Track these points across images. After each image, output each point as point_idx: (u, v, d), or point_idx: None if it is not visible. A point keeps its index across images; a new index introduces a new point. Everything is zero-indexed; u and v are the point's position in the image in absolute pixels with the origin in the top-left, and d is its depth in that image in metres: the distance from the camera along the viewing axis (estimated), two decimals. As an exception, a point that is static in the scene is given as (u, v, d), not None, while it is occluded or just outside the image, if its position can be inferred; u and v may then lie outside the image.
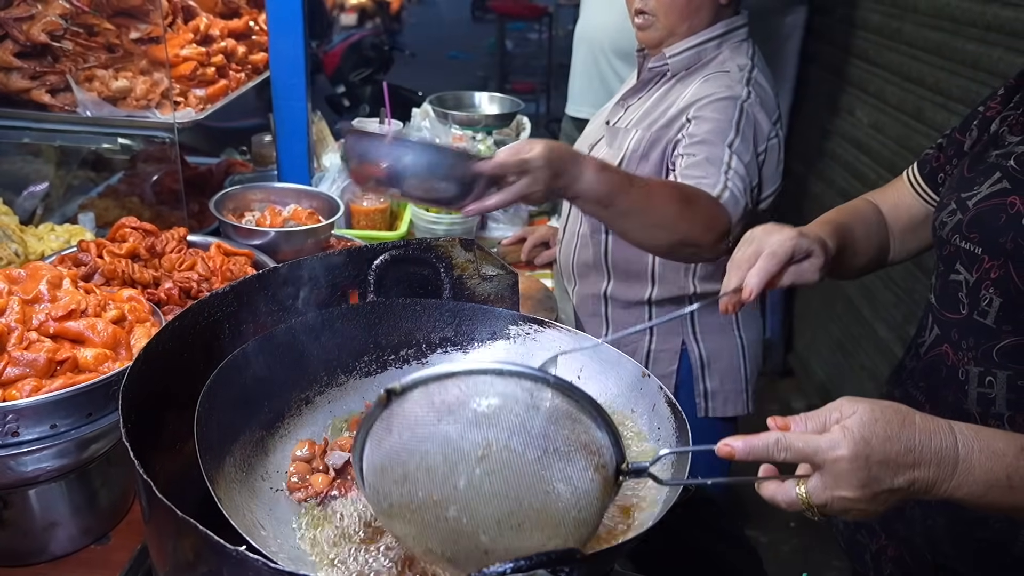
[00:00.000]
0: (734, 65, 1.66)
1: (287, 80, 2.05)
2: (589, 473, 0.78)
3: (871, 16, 3.37)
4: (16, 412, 0.99)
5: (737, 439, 0.81)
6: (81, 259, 1.42)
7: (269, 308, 1.20)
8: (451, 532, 0.77)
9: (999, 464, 0.82)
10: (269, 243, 1.73)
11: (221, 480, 0.96)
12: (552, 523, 0.77)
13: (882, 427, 0.79)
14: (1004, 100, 1.21)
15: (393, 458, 0.78)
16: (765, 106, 1.64)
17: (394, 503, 0.79)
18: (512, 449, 0.76)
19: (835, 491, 0.79)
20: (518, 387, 0.78)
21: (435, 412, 0.77)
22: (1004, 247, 1.05)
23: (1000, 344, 1.06)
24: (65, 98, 1.75)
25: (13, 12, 1.72)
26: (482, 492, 0.75)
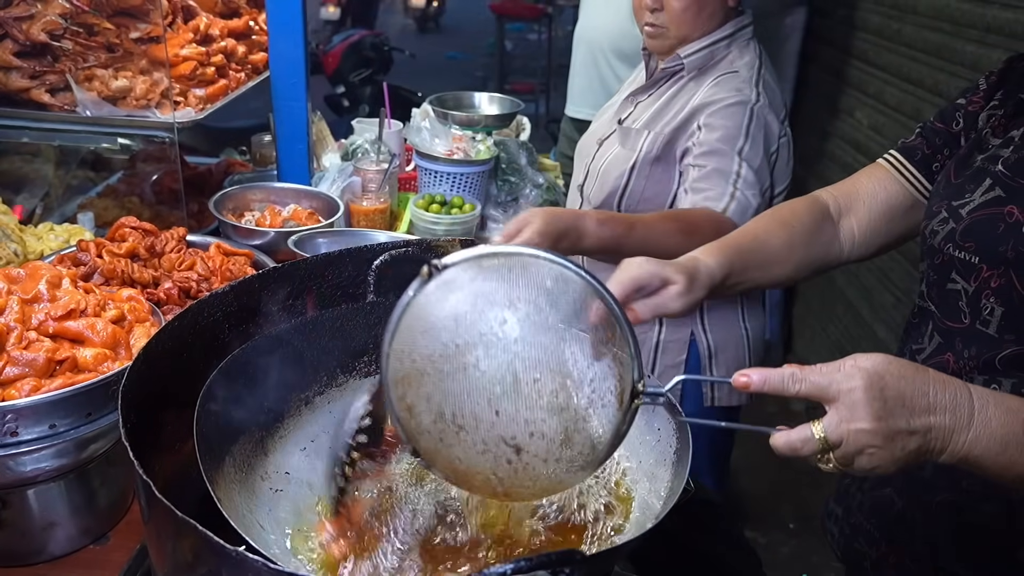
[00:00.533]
0: (742, 64, 1.70)
1: (287, 80, 2.05)
2: (609, 359, 0.82)
3: (871, 17, 3.37)
4: (15, 412, 0.99)
5: (754, 371, 0.81)
6: (80, 259, 1.42)
7: (269, 308, 1.20)
8: (468, 384, 0.80)
9: (1015, 419, 0.81)
10: (269, 243, 1.73)
11: (220, 480, 0.96)
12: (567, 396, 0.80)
13: (896, 367, 0.80)
14: (987, 95, 1.20)
15: (421, 312, 0.81)
16: (774, 106, 1.67)
17: (417, 356, 0.80)
18: (540, 307, 0.80)
19: (851, 423, 0.78)
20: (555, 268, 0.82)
21: (470, 274, 0.81)
22: (1005, 256, 1.04)
23: (1003, 353, 1.05)
24: (65, 98, 1.75)
25: (13, 11, 1.72)
26: (504, 337, 0.79)
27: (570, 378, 0.81)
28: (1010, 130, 1.14)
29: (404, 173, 2.62)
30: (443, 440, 0.82)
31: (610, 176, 1.79)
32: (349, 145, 2.57)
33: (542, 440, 0.81)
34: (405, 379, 0.81)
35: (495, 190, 2.49)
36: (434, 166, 2.35)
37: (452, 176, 2.33)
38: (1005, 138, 1.13)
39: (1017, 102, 1.15)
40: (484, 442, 0.81)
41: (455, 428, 0.81)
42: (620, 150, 1.80)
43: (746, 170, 1.57)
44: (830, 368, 0.80)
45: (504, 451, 0.81)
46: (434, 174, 2.36)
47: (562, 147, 3.38)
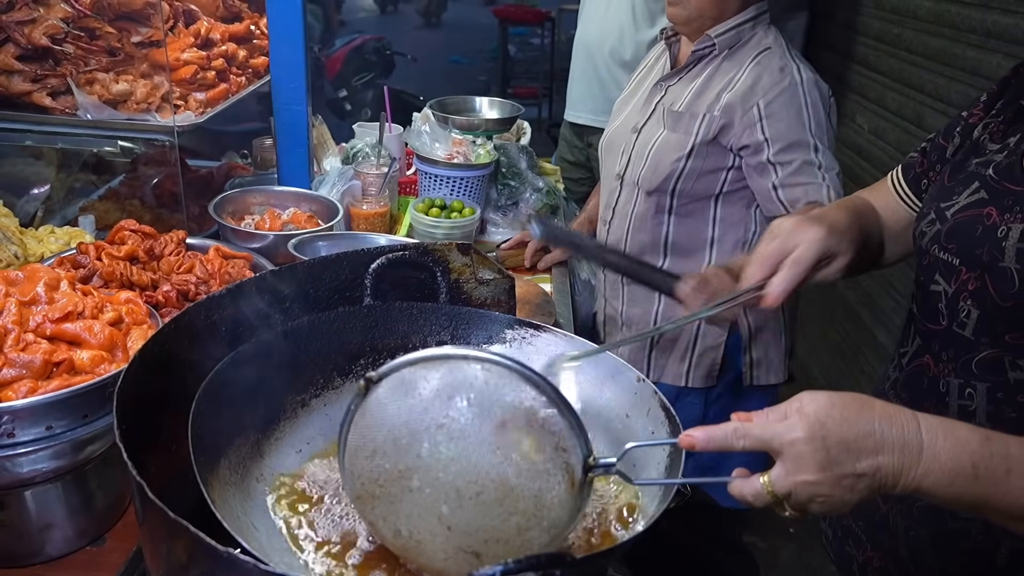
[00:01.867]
0: (771, 42, 1.77)
1: (287, 84, 2.06)
2: (549, 452, 0.82)
3: (872, 22, 3.37)
4: (12, 413, 0.99)
5: (697, 430, 0.81)
6: (80, 261, 1.42)
7: (266, 311, 1.20)
8: (415, 506, 0.82)
9: (964, 452, 0.81)
10: (268, 246, 1.73)
11: (215, 482, 0.96)
12: (514, 500, 0.81)
13: (839, 411, 0.79)
14: (987, 106, 1.20)
15: (365, 435, 0.84)
16: (813, 72, 1.75)
17: (366, 480, 0.84)
18: (470, 419, 0.82)
19: (796, 476, 0.78)
20: (480, 370, 0.84)
21: (402, 390, 0.84)
22: (980, 259, 1.04)
23: (978, 356, 1.06)
24: (66, 101, 1.76)
25: (15, 16, 1.73)
26: (441, 458, 0.81)
27: (513, 482, 0.82)
28: (1008, 136, 1.14)
29: (405, 177, 2.63)
30: (407, 550, 0.85)
31: (665, 160, 1.82)
32: (350, 149, 2.58)
33: (498, 544, 0.82)
34: (360, 499, 0.86)
35: (495, 194, 2.50)
36: (434, 170, 2.35)
37: (452, 180, 2.34)
38: (1002, 144, 1.13)
39: (1018, 108, 1.15)
40: (444, 551, 0.83)
41: (414, 542, 0.84)
42: (670, 134, 1.83)
43: (823, 151, 1.68)
44: (775, 416, 0.81)
45: (465, 558, 0.82)
46: (434, 178, 2.36)
47: (562, 151, 3.38)
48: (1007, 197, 1.05)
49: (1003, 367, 1.04)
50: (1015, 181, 1.06)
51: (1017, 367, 1.04)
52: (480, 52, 10.16)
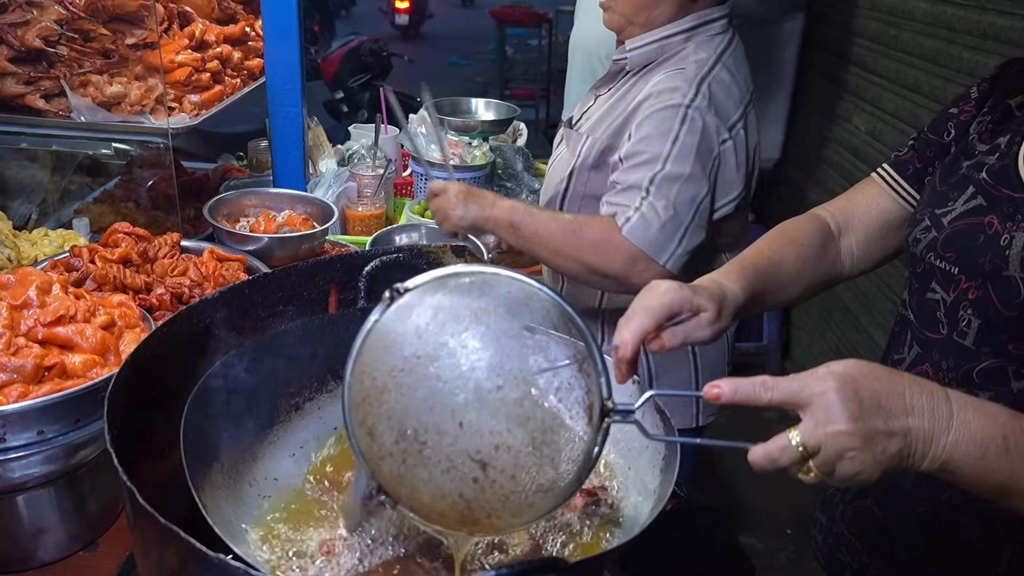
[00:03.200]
0: (693, 61, 1.56)
1: (282, 86, 2.05)
2: (573, 368, 0.81)
3: (868, 24, 3.38)
4: (3, 418, 0.99)
5: (725, 381, 0.78)
6: (73, 264, 1.41)
7: (259, 314, 1.19)
8: (429, 396, 0.79)
9: (995, 423, 0.79)
10: (263, 249, 1.72)
11: (207, 487, 0.96)
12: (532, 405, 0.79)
13: (869, 370, 0.78)
14: (978, 104, 1.18)
15: (386, 332, 0.80)
16: (719, 107, 1.54)
17: (378, 374, 0.80)
18: (501, 318, 0.81)
19: (828, 426, 0.75)
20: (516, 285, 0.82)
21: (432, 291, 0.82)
22: (982, 268, 1.03)
23: (980, 366, 1.05)
24: (59, 103, 1.75)
25: (8, 18, 1.72)
26: (467, 348, 0.79)
27: (535, 385, 0.80)
28: (996, 137, 1.13)
29: (401, 179, 2.63)
30: (406, 462, 0.80)
31: (553, 179, 1.75)
32: (346, 151, 2.58)
33: (508, 453, 0.79)
34: (366, 400, 0.80)
35: (491, 196, 2.49)
36: (430, 171, 2.35)
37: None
38: (992, 144, 1.12)
39: (1005, 108, 1.15)
40: (449, 459, 0.79)
41: (418, 446, 0.79)
42: (565, 152, 1.75)
43: (660, 182, 1.48)
44: (803, 375, 0.78)
45: (470, 468, 0.79)
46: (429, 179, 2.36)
47: (559, 153, 3.38)
48: (1007, 204, 1.04)
49: (1006, 377, 1.04)
50: (1012, 187, 1.05)
51: (1021, 376, 1.03)
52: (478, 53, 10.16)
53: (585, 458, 0.82)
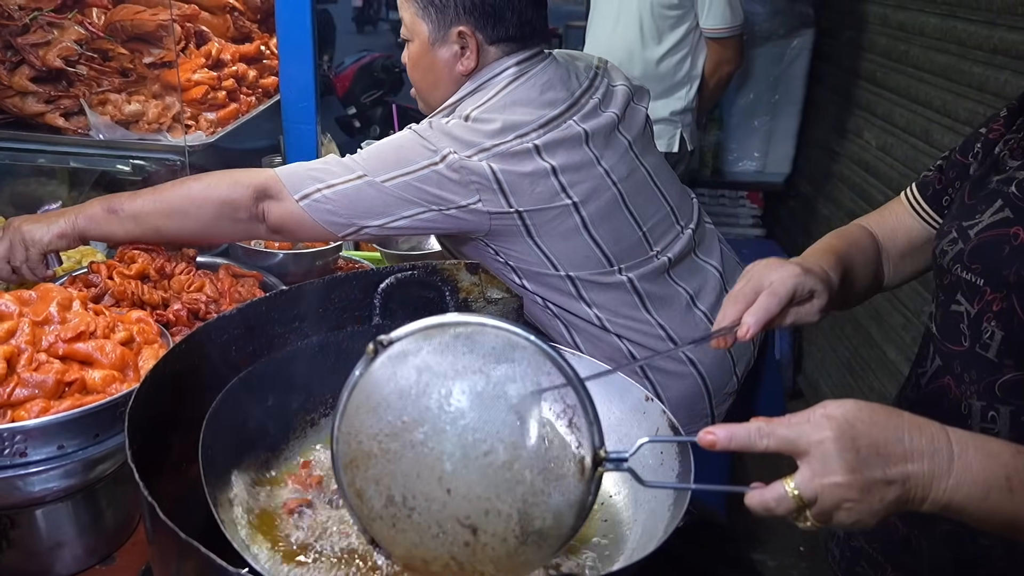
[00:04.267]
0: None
1: (296, 103, 2.08)
2: (562, 426, 0.80)
3: (878, 39, 3.38)
4: (24, 433, 1.00)
5: (719, 427, 0.78)
6: (91, 280, 1.43)
7: (275, 331, 1.21)
8: (416, 462, 0.78)
9: (997, 463, 0.79)
10: (278, 265, 1.74)
11: (225, 502, 0.97)
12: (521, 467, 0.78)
13: (867, 414, 0.77)
14: (1007, 122, 1.19)
15: (370, 392, 0.80)
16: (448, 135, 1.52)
17: (364, 437, 0.80)
18: (486, 378, 0.80)
19: (824, 477, 0.75)
20: (500, 337, 0.82)
21: (415, 348, 0.81)
22: (1007, 280, 1.03)
23: (1003, 379, 1.04)
24: (78, 121, 1.79)
25: (30, 38, 1.75)
26: (450, 411, 0.78)
27: (523, 448, 0.78)
28: None
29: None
30: (396, 525, 0.80)
31: None
32: (358, 166, 2.60)
33: (499, 517, 0.78)
34: (353, 462, 0.81)
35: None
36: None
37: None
38: (1023, 160, 1.13)
39: None
40: (439, 524, 0.78)
41: (407, 511, 0.79)
42: None
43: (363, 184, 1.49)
44: (799, 419, 0.78)
45: (460, 533, 0.78)
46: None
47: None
48: None
49: None
50: None
51: None
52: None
53: (579, 509, 0.81)
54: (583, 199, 1.60)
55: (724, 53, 3.25)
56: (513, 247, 1.61)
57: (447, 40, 1.59)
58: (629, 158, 1.71)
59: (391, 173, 1.50)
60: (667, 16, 3.17)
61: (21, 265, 1.46)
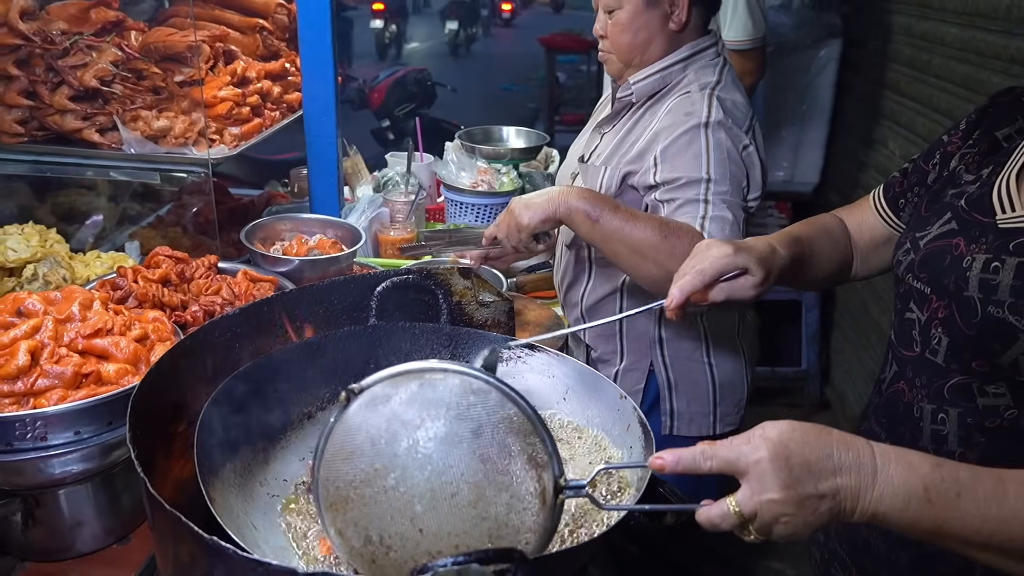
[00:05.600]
0: (696, 85, 1.70)
1: (319, 118, 2.19)
2: (523, 463, 0.86)
3: (903, 49, 3.38)
4: (44, 419, 1.11)
5: (667, 453, 0.85)
6: (118, 283, 1.55)
7: (277, 330, 1.30)
8: (389, 506, 0.85)
9: (915, 475, 0.84)
10: (294, 270, 1.84)
11: (219, 484, 1.05)
12: (486, 504, 0.84)
13: (800, 434, 0.83)
14: (964, 135, 1.23)
15: (344, 441, 0.87)
16: (734, 118, 1.65)
17: (341, 484, 0.87)
18: (450, 423, 0.86)
19: (761, 495, 0.81)
20: (462, 383, 0.89)
21: (384, 398, 0.88)
22: (948, 288, 1.07)
23: (950, 382, 1.08)
24: (112, 136, 1.92)
25: (69, 61, 1.89)
26: (418, 457, 0.85)
27: (487, 486, 0.85)
28: (982, 168, 1.17)
29: (433, 204, 2.74)
30: (376, 562, 0.86)
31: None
32: (381, 177, 2.71)
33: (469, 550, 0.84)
34: (333, 506, 0.88)
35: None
36: (459, 197, 2.46)
37: (476, 207, 2.44)
38: (976, 175, 1.16)
39: (992, 140, 1.19)
40: (414, 560, 0.85)
41: (384, 549, 0.86)
42: (581, 184, 1.82)
43: (716, 191, 1.57)
44: (739, 441, 0.84)
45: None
46: (459, 205, 2.47)
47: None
48: (975, 229, 1.09)
49: (972, 393, 1.07)
50: (984, 212, 1.09)
51: (985, 393, 1.06)
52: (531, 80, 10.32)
53: (543, 535, 0.89)
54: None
55: (746, 65, 3.29)
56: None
57: (660, 1, 1.72)
58: None
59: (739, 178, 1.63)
60: (688, 28, 3.22)
61: (517, 244, 1.66)
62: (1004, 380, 1.04)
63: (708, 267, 1.13)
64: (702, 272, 1.13)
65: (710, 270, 1.13)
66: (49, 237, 1.81)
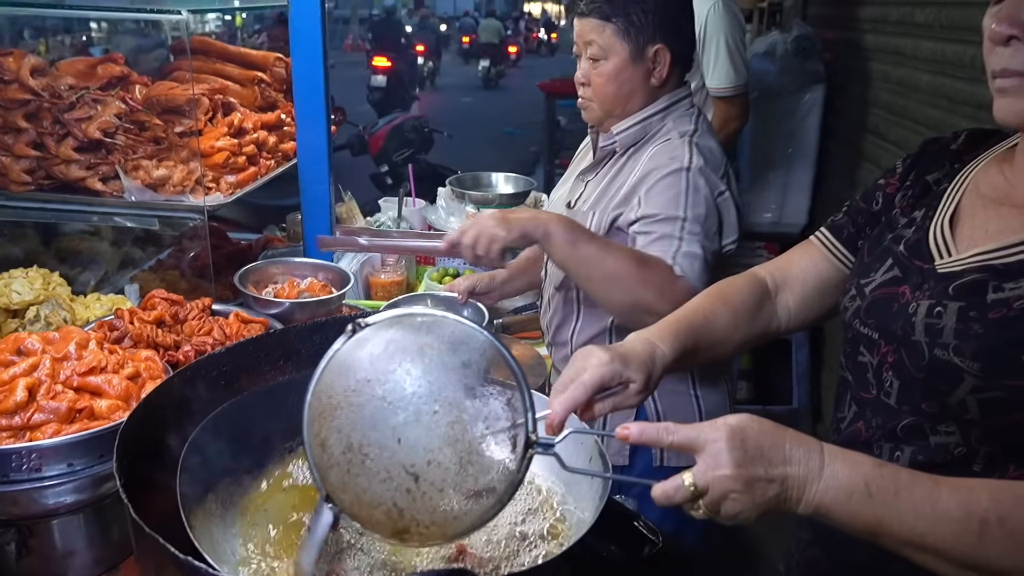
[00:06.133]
0: (676, 133, 1.79)
1: (312, 166, 2.30)
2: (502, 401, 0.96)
3: (881, 94, 3.50)
4: (39, 451, 1.18)
5: (633, 424, 0.93)
6: (115, 324, 1.63)
7: (262, 368, 1.38)
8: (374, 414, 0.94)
9: (859, 472, 0.91)
10: (284, 312, 1.92)
11: (200, 512, 1.12)
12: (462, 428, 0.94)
13: (757, 424, 0.91)
14: (901, 178, 1.28)
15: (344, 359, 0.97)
16: (711, 165, 1.74)
17: (335, 392, 0.96)
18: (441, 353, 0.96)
19: (715, 470, 0.88)
20: (460, 326, 0.99)
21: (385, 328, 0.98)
22: (896, 334, 1.12)
23: (903, 423, 1.13)
24: (114, 185, 2.02)
25: (75, 114, 2.01)
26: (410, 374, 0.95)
27: (466, 412, 0.94)
28: (915, 211, 1.22)
29: (424, 247, 2.83)
30: (350, 471, 0.94)
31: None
32: (373, 222, 2.80)
33: (438, 468, 0.93)
34: (321, 415, 0.96)
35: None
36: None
37: (464, 250, 2.52)
38: (910, 218, 1.22)
39: (924, 184, 1.26)
40: (387, 470, 0.93)
41: (361, 457, 0.94)
42: None
43: (689, 231, 1.64)
44: (702, 424, 0.92)
45: (404, 479, 0.93)
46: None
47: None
48: (917, 275, 1.14)
49: (924, 432, 1.12)
50: (923, 258, 1.15)
51: (936, 432, 1.11)
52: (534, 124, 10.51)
53: (508, 481, 0.96)
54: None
55: (730, 111, 3.40)
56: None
57: (644, 57, 1.80)
58: None
59: (709, 215, 1.70)
60: (674, 77, 3.34)
61: (483, 255, 1.65)
62: (954, 419, 1.08)
63: (588, 380, 1.06)
64: (583, 385, 1.06)
65: (590, 383, 1.07)
66: (52, 280, 1.90)
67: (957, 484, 0.93)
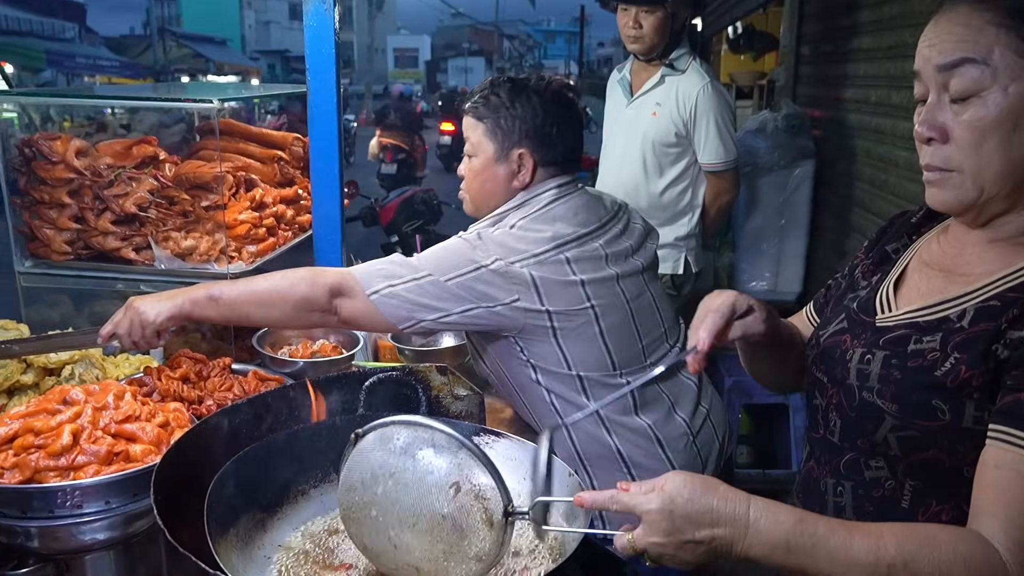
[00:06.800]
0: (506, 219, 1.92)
1: (326, 237, 2.48)
2: (470, 499, 1.12)
3: (864, 169, 3.69)
4: (82, 490, 1.33)
5: (586, 494, 1.08)
6: (144, 381, 1.79)
7: (278, 418, 1.52)
8: (373, 528, 1.15)
9: (780, 529, 1.02)
10: (298, 371, 2.07)
11: (223, 545, 1.25)
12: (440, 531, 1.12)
13: (688, 491, 1.03)
14: (867, 249, 1.44)
15: (349, 476, 1.18)
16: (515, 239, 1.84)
17: (346, 508, 1.19)
18: (414, 471, 1.14)
19: (649, 537, 1.02)
20: (428, 434, 1.16)
21: (374, 443, 1.17)
22: (837, 378, 1.26)
23: (844, 459, 1.26)
24: (146, 254, 2.20)
25: (113, 191, 2.20)
26: (390, 497, 1.14)
27: (440, 518, 1.12)
28: (874, 275, 1.38)
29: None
30: (372, 560, 1.20)
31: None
32: (383, 289, 2.97)
33: (431, 563, 1.14)
34: (344, 520, 1.22)
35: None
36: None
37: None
38: (868, 281, 1.38)
39: (883, 252, 1.41)
40: (395, 563, 1.16)
41: (375, 554, 1.18)
42: None
43: (425, 283, 1.79)
44: (646, 488, 1.05)
45: (409, 570, 1.16)
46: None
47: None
48: (859, 327, 1.29)
49: (861, 467, 1.25)
50: (868, 314, 1.30)
51: (870, 467, 1.24)
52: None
53: (496, 548, 1.13)
54: (602, 310, 1.90)
55: (722, 184, 3.57)
56: (538, 347, 1.91)
57: (508, 159, 1.94)
58: (640, 282, 2.02)
59: (449, 274, 1.81)
60: (667, 153, 3.51)
61: (139, 340, 1.78)
62: (881, 455, 1.21)
63: (722, 307, 1.26)
64: (719, 311, 1.25)
65: (725, 309, 1.26)
66: (86, 342, 2.06)
67: (869, 530, 1.04)
